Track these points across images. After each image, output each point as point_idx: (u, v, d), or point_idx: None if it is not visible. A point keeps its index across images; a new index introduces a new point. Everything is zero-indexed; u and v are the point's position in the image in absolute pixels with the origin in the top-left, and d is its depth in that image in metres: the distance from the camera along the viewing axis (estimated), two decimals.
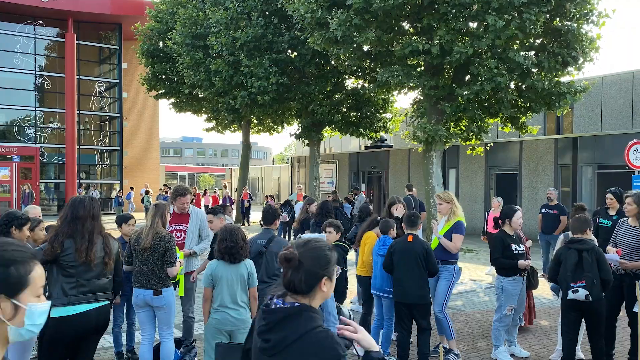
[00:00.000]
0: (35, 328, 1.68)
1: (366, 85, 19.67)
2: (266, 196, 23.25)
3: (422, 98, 15.46)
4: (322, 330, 2.04)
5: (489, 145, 18.39)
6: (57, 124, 28.97)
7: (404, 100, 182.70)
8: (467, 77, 14.36)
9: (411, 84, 14.08)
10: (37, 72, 28.22)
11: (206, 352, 4.58)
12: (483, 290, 10.15)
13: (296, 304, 2.07)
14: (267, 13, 18.45)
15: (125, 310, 6.06)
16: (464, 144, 16.23)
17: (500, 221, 6.08)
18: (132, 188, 26.88)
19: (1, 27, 26.93)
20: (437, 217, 6.52)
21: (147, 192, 25.27)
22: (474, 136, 15.27)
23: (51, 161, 29.00)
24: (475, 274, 11.80)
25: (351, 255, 8.50)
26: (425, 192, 14.77)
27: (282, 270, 2.13)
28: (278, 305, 2.09)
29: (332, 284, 2.15)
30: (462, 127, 15.47)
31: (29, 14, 27.03)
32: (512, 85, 14.06)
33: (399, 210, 6.93)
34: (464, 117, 14.80)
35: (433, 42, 13.24)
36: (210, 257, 5.79)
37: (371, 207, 8.57)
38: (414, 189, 13.25)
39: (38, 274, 1.70)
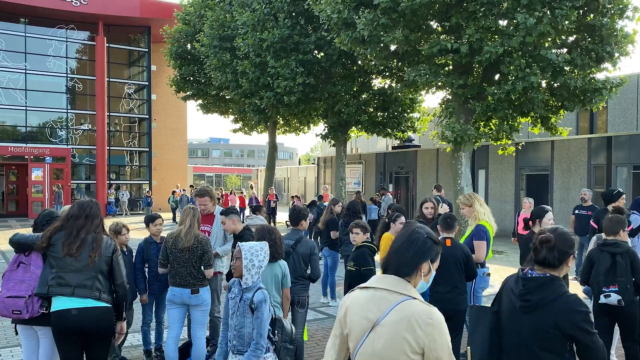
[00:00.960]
0: (425, 287, 2.39)
1: (393, 84, 19.52)
2: (292, 197, 23.30)
3: (450, 97, 15.26)
4: (572, 294, 2.75)
5: (520, 144, 18.06)
6: (88, 126, 29.54)
7: (432, 99, 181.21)
8: (497, 76, 14.12)
9: (439, 83, 13.90)
10: (68, 75, 28.81)
11: None
12: None
13: (547, 275, 2.80)
14: (293, 14, 18.46)
15: (154, 309, 6.10)
16: (494, 143, 15.96)
17: (530, 222, 5.94)
18: (184, 190, 27.12)
19: (35, 32, 27.60)
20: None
21: (173, 192, 25.55)
22: (504, 136, 14.99)
23: (82, 162, 29.58)
24: (505, 276, 11.58)
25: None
26: (454, 193, 14.56)
27: (535, 250, 2.84)
28: (534, 275, 2.82)
29: (572, 261, 2.85)
30: (492, 126, 15.20)
31: (61, 18, 27.63)
32: (543, 84, 13.74)
33: (429, 210, 6.89)
34: (494, 116, 14.54)
35: (462, 40, 13.05)
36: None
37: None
38: (442, 189, 13.08)
39: (439, 255, 2.44)
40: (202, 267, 5.23)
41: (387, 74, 19.03)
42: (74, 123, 29.23)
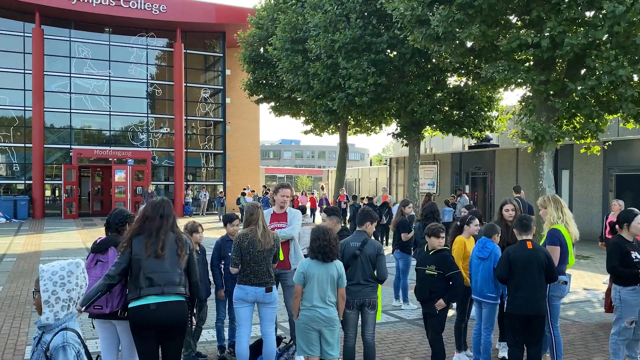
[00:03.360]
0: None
1: (470, 82, 18.94)
2: (361, 198, 23.06)
3: (531, 94, 14.55)
4: None
5: (606, 144, 16.93)
6: (166, 129, 30.71)
7: (511, 97, 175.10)
8: (583, 71, 13.29)
9: (519, 80, 13.26)
10: (149, 81, 30.09)
11: (298, 345, 4.77)
12: (599, 300, 9.29)
13: None
14: (365, 14, 18.33)
15: (227, 305, 6.14)
16: (577, 142, 15.05)
17: (617, 226, 5.54)
18: (253, 191, 27.72)
19: (118, 40, 29.05)
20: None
21: (243, 194, 26.01)
22: (589, 134, 14.07)
23: (161, 164, 30.78)
24: (590, 283, 10.92)
25: None
26: (535, 195, 13.84)
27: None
28: None
29: None
30: (577, 124, 14.33)
31: (142, 26, 28.92)
32: (635, 77, 12.73)
33: (510, 212, 6.52)
34: (579, 114, 13.68)
35: (543, 34, 12.40)
36: None
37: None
38: (522, 190, 12.52)
39: None
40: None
41: (463, 71, 18.52)
42: (154, 127, 30.48)
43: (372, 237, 5.39)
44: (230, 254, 5.43)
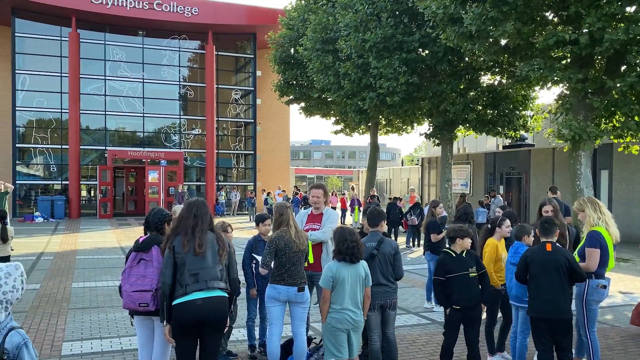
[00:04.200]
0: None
1: (504, 81, 18.60)
2: (389, 198, 22.85)
3: (567, 92, 14.19)
4: None
5: None
6: (198, 131, 31.07)
7: (547, 95, 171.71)
8: (623, 68, 12.88)
9: (555, 78, 12.95)
10: (181, 83, 30.49)
11: (327, 349, 4.71)
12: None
13: None
14: (396, 13, 18.18)
15: (258, 305, 6.14)
16: (615, 141, 14.59)
17: None
18: (284, 191, 27.85)
19: (151, 43, 29.52)
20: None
21: (268, 194, 26.02)
22: (629, 133, 13.62)
23: (193, 165, 31.16)
24: (631, 286, 10.56)
25: None
26: (572, 196, 13.48)
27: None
28: None
29: None
30: (616, 123, 13.90)
31: (174, 29, 29.34)
32: None
33: (549, 214, 6.33)
34: (618, 112, 13.27)
35: (581, 31, 12.06)
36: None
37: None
38: (558, 191, 12.19)
39: None
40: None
41: (497, 69, 18.21)
42: (186, 128, 30.87)
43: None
44: (262, 254, 5.42)
